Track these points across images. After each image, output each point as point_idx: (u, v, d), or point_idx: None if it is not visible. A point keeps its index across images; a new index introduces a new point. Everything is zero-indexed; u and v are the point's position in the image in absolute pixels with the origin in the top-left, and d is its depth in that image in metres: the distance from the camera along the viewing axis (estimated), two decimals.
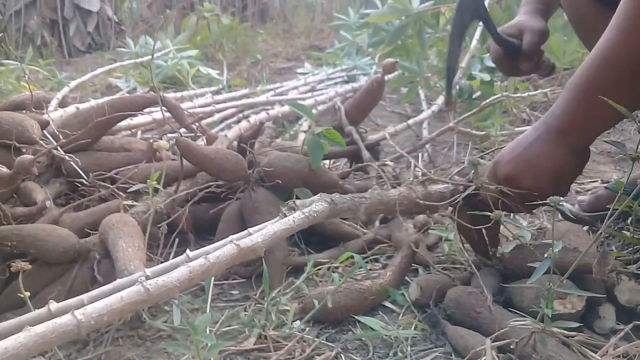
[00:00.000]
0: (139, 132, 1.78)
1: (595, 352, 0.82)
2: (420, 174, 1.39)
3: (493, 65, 2.06)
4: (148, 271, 0.82)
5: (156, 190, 1.16)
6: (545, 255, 0.75)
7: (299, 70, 3.66)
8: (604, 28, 0.86)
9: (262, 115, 1.69)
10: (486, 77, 1.97)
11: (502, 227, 1.05)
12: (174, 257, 1.18)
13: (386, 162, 1.39)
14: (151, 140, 1.42)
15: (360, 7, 6.12)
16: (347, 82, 2.99)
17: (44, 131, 1.26)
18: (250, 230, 0.87)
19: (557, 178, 0.90)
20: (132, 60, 3.41)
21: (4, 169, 1.05)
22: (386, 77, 2.38)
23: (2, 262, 1.08)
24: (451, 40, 1.19)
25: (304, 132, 1.91)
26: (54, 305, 0.77)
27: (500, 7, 2.42)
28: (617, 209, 0.77)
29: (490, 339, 0.82)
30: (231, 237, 0.80)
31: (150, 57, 3.80)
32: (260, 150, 1.49)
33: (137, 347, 0.99)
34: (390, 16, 2.21)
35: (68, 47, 5.58)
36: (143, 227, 1.08)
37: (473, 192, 0.98)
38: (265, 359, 0.94)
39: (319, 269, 1.18)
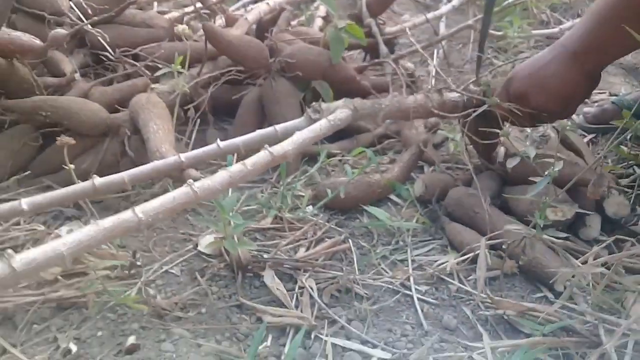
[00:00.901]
0: (155, 4, 1.76)
1: (577, 258, 0.92)
2: (433, 79, 1.42)
3: None
4: (182, 157, 0.89)
5: (180, 72, 1.20)
6: (546, 173, 0.82)
7: None
8: None
9: None
10: None
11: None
12: (195, 136, 1.25)
13: (405, 63, 1.41)
14: (169, 17, 1.43)
15: None
16: None
17: (71, 2, 1.27)
18: (277, 127, 0.92)
19: (566, 99, 0.95)
20: None
21: (38, 41, 1.07)
22: None
23: (35, 130, 1.14)
24: (486, 12, 1.16)
25: (321, 17, 1.90)
26: (97, 180, 0.84)
27: None
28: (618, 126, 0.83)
29: (485, 238, 0.91)
30: (266, 147, 0.86)
31: None
32: (278, 36, 1.51)
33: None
34: None
35: None
36: (169, 108, 1.14)
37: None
38: (280, 237, 1.04)
39: (331, 159, 1.26)
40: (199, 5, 1.61)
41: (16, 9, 1.18)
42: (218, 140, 0.92)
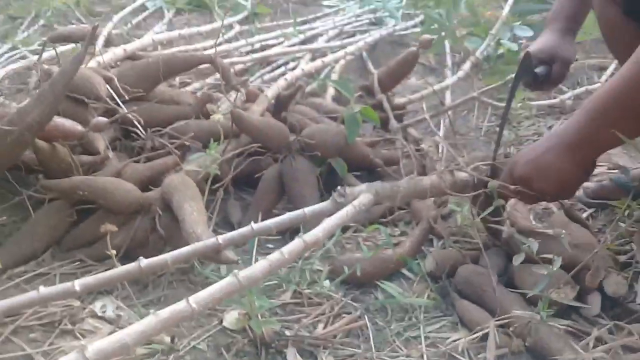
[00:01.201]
0: (177, 79, 1.87)
1: (580, 337, 0.99)
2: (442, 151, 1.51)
3: (522, 34, 2.14)
4: (220, 239, 0.97)
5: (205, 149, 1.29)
6: (545, 273, 0.90)
7: (325, 2, 3.66)
8: (632, 44, 0.95)
9: (297, 72, 1.78)
10: (514, 46, 2.03)
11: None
12: (219, 207, 1.33)
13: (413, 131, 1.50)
14: (199, 94, 1.53)
15: None
16: (374, 23, 3.03)
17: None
18: (306, 211, 1.01)
19: (563, 185, 1.04)
20: None
21: (79, 127, 1.17)
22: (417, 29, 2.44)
23: (70, 207, 1.23)
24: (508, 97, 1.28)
25: (330, 83, 1.99)
26: (143, 262, 0.91)
27: None
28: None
29: (494, 319, 0.98)
30: (301, 235, 0.94)
31: None
32: (295, 109, 1.61)
33: (189, 291, 1.16)
34: None
35: None
36: (198, 185, 1.22)
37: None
38: (300, 312, 1.11)
39: (346, 232, 1.33)
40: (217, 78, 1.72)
41: None
42: (252, 223, 0.99)
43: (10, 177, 1.23)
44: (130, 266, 0.93)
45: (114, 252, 0.96)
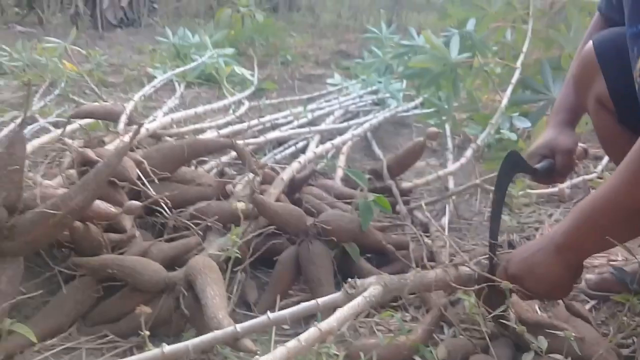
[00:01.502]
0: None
1: None
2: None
3: (520, 125, 2.26)
4: (238, 327, 1.02)
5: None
6: None
7: (329, 81, 3.84)
8: (626, 148, 1.04)
9: (309, 154, 1.87)
10: (513, 136, 2.16)
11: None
12: (236, 286, 1.38)
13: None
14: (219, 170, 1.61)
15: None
16: (376, 104, 3.18)
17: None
18: (319, 301, 1.07)
19: (552, 286, 1.11)
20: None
21: (113, 209, 1.24)
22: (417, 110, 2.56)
23: (97, 283, 1.28)
24: (496, 203, 1.30)
25: (341, 167, 2.08)
26: (166, 348, 0.96)
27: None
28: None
29: None
30: (316, 323, 0.99)
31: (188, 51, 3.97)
32: (307, 190, 1.69)
33: None
34: (431, 63, 2.39)
35: (101, 20, 5.69)
36: (218, 265, 1.28)
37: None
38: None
39: (358, 315, 1.38)
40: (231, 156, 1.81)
41: None
42: (269, 312, 1.05)
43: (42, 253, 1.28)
44: (154, 353, 0.98)
45: (147, 332, 1.01)
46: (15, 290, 1.17)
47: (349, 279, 1.12)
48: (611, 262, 1.59)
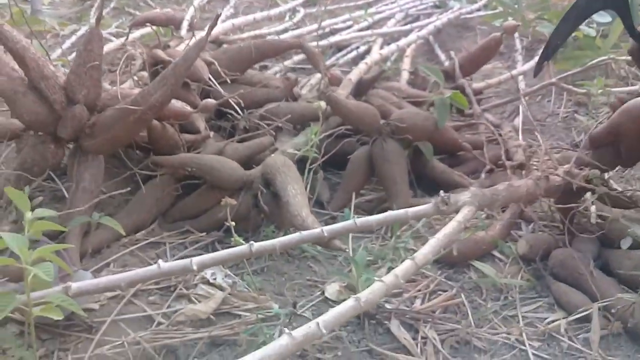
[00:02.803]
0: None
1: None
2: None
3: (599, 20, 2.11)
4: (325, 230, 1.01)
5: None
6: None
7: None
8: None
9: (375, 56, 1.81)
10: (591, 31, 2.02)
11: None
12: (311, 187, 1.37)
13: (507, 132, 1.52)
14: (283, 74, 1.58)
15: None
16: (437, 6, 3.02)
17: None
18: (408, 212, 1.04)
19: None
20: None
21: (188, 108, 1.23)
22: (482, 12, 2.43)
23: (176, 182, 1.30)
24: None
25: (406, 70, 2.01)
26: (254, 246, 0.97)
27: None
28: None
29: (597, 303, 1.01)
30: (412, 256, 0.96)
31: None
32: (374, 92, 1.64)
33: (289, 264, 1.23)
34: None
35: None
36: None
37: None
38: (396, 288, 1.15)
39: None
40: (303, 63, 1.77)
41: None
42: (355, 217, 1.03)
43: (121, 154, 1.31)
44: (242, 248, 0.98)
45: (233, 223, 1.02)
46: (98, 188, 1.20)
47: (442, 193, 1.07)
48: None
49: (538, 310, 1.10)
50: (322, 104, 1.25)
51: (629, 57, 1.97)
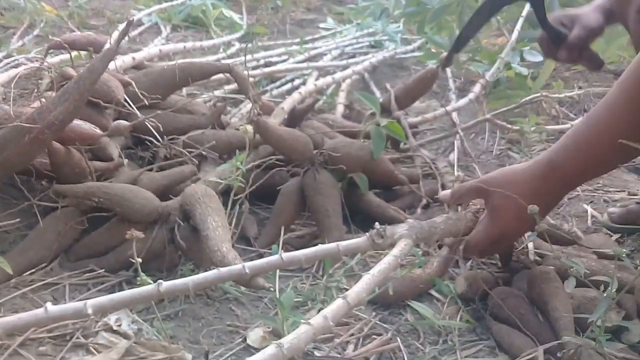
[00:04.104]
0: (184, 90, 1.81)
1: None
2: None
3: (531, 59, 2.14)
4: (246, 267, 0.90)
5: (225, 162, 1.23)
6: (605, 294, 0.86)
7: (322, 25, 3.66)
8: None
9: (310, 86, 1.74)
10: (524, 71, 2.04)
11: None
12: (235, 221, 1.26)
13: (443, 167, 1.48)
14: (213, 103, 1.48)
15: None
16: (373, 46, 3.03)
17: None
18: (340, 245, 0.95)
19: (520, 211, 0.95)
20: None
21: (98, 130, 1.10)
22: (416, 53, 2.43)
23: (81, 214, 1.16)
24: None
25: (342, 104, 1.95)
26: (162, 285, 0.85)
27: None
28: None
29: (542, 347, 0.93)
30: (344, 295, 0.87)
31: None
32: (308, 124, 1.56)
33: (208, 307, 1.10)
34: None
35: None
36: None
37: None
38: (327, 332, 1.04)
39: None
40: (229, 91, 1.68)
41: None
42: (282, 252, 0.93)
43: (18, 182, 1.16)
44: (149, 289, 0.86)
45: (139, 260, 0.89)
46: None
47: (378, 225, 0.99)
48: (632, 196, 1.50)
49: (478, 354, 1.01)
50: (249, 127, 1.15)
51: (558, 95, 2.00)
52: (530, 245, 1.22)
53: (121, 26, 1.01)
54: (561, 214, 1.48)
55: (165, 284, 0.86)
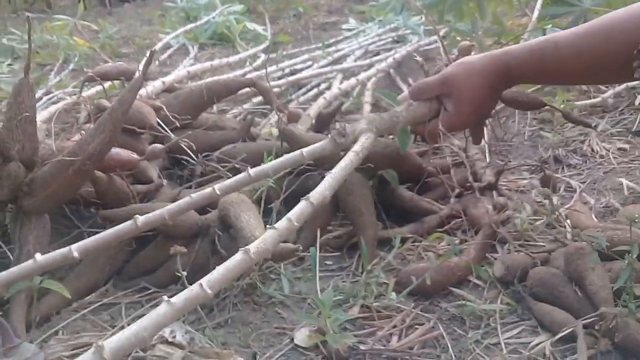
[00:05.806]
0: (215, 107, 1.88)
1: None
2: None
3: None
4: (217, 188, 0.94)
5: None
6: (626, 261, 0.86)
7: (344, 26, 3.69)
8: None
9: (335, 91, 1.78)
10: None
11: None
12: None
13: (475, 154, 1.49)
14: (243, 117, 1.53)
15: None
16: (397, 41, 3.04)
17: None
18: (304, 152, 1.02)
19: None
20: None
21: (135, 156, 1.17)
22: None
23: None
24: None
25: (368, 103, 1.98)
26: (139, 220, 0.91)
27: None
28: None
29: (580, 320, 0.94)
30: (307, 198, 0.91)
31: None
32: (335, 126, 1.60)
33: (255, 312, 1.14)
34: None
35: None
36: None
37: None
38: (370, 326, 1.08)
39: (404, 242, 1.31)
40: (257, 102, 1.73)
41: None
42: (249, 168, 0.98)
43: (67, 211, 1.23)
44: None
45: (184, 273, 0.94)
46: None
47: (337, 125, 1.03)
48: None
49: (521, 334, 1.02)
50: (274, 130, 1.20)
51: None
52: (568, 221, 1.23)
53: (148, 53, 1.07)
54: (597, 188, 1.47)
55: (141, 218, 0.94)
